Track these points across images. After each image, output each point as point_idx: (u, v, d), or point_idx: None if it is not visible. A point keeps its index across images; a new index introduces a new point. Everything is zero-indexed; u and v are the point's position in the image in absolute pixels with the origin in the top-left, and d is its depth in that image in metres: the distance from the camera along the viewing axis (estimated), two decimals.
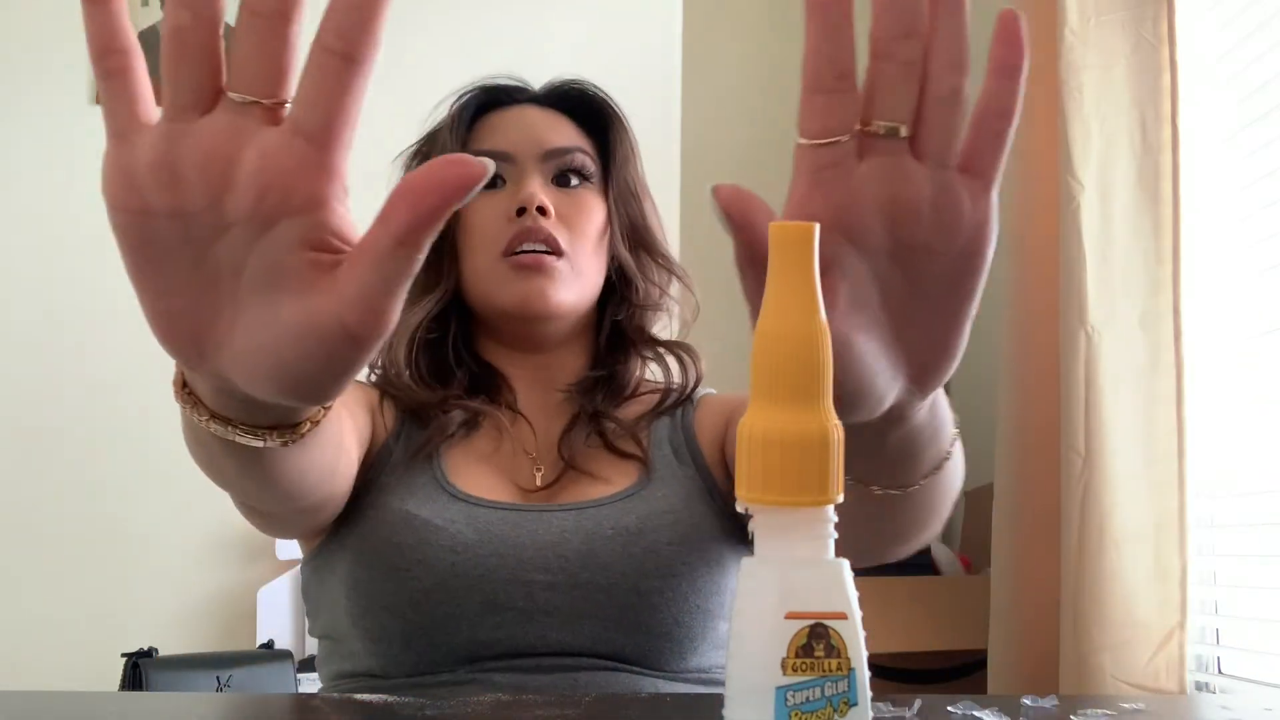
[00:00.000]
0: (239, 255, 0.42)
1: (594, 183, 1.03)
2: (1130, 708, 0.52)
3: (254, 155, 0.41)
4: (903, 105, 0.46)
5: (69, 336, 2.23)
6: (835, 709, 0.37)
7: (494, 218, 0.98)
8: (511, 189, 0.99)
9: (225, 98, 0.42)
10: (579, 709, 0.47)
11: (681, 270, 1.08)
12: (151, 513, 2.17)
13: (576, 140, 1.03)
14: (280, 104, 0.41)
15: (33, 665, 2.08)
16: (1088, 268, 1.52)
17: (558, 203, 0.99)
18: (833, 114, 0.46)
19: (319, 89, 0.41)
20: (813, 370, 0.39)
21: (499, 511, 0.92)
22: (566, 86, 1.06)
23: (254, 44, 0.42)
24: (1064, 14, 1.57)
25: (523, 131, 1.02)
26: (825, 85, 0.46)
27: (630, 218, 1.05)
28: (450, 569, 0.86)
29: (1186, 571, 1.45)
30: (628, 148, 1.06)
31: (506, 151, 1.00)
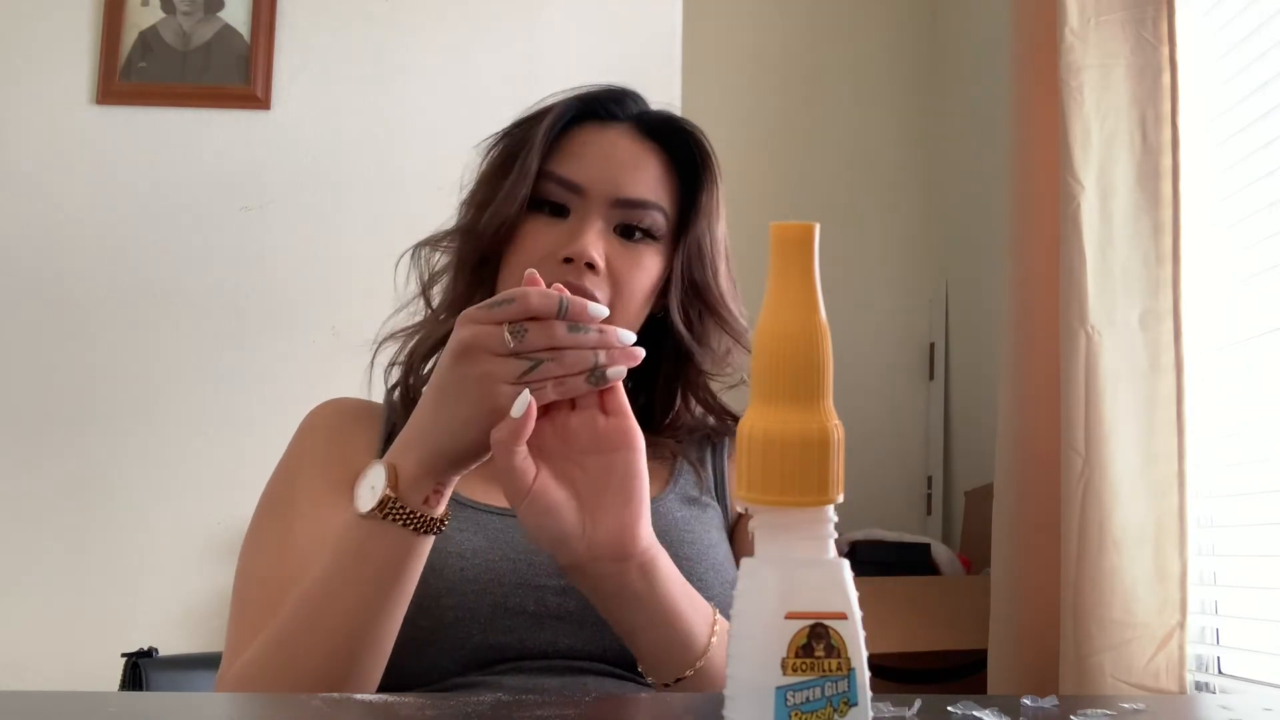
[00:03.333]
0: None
1: (660, 240, 0.99)
2: (1130, 708, 0.52)
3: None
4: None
5: (70, 337, 2.23)
6: (835, 709, 0.37)
7: (543, 250, 0.95)
8: (573, 224, 0.96)
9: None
10: (579, 709, 0.47)
11: (745, 334, 1.03)
12: (152, 513, 2.17)
13: (655, 192, 0.99)
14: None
15: (33, 665, 2.08)
16: (1088, 268, 1.52)
17: (613, 254, 0.96)
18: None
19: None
20: (813, 370, 0.39)
21: (508, 519, 0.92)
22: (673, 123, 1.03)
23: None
24: (1064, 14, 1.57)
25: (603, 167, 0.98)
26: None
27: (695, 279, 1.01)
28: (460, 574, 0.86)
29: (1186, 571, 1.45)
30: (713, 206, 1.02)
31: (579, 184, 0.97)
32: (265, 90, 2.30)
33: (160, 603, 2.10)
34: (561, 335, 0.71)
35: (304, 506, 0.95)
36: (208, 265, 2.25)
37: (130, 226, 2.26)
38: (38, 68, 2.30)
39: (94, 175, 2.27)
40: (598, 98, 1.01)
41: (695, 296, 1.02)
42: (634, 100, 1.03)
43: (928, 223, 2.94)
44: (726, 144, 2.79)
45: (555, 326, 0.71)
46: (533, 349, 0.71)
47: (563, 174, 0.97)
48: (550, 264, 0.94)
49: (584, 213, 0.96)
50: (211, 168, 2.28)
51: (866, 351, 2.84)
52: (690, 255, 1.00)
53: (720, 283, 1.02)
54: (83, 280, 2.25)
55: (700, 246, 1.01)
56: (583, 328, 0.71)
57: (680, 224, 1.01)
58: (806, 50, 2.99)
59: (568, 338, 0.71)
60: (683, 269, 1.00)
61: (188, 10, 2.32)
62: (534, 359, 0.71)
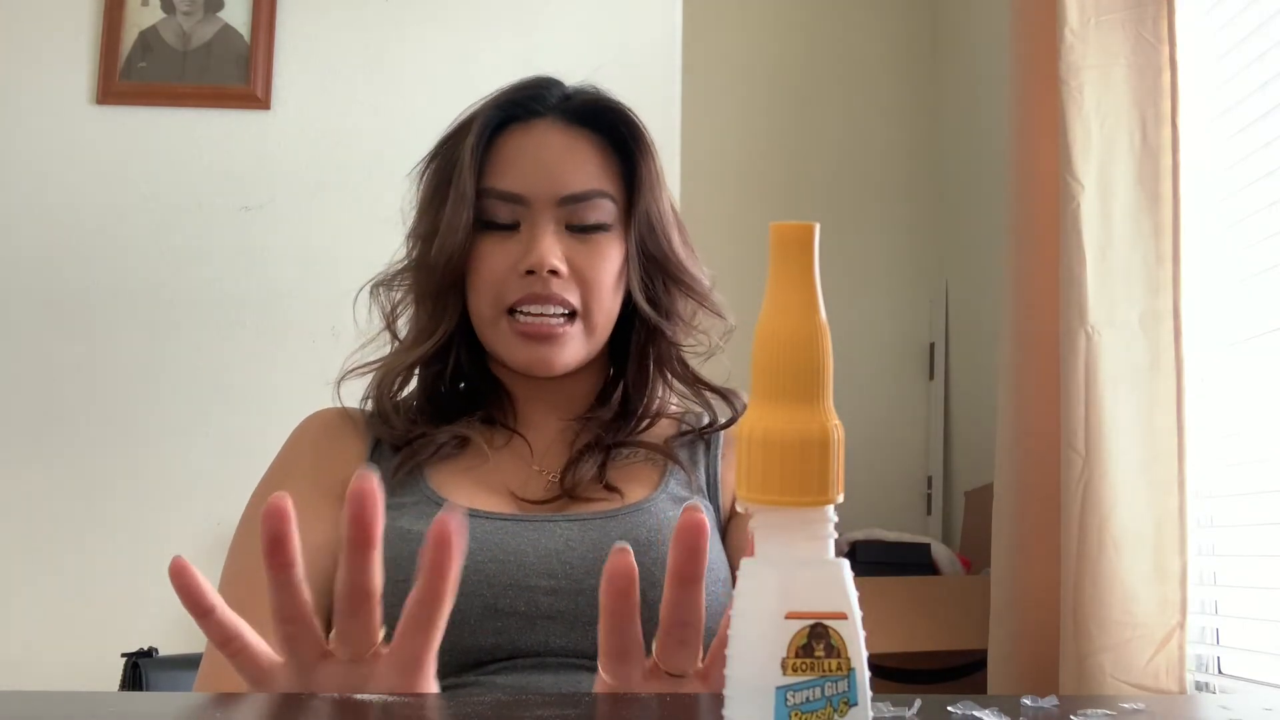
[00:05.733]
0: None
1: (613, 226, 0.98)
2: (1130, 708, 0.52)
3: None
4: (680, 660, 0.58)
5: (70, 336, 2.23)
6: (835, 709, 0.37)
7: (502, 268, 0.95)
8: (525, 236, 0.95)
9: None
10: (579, 709, 0.47)
11: (709, 294, 1.02)
12: (152, 513, 2.17)
13: (598, 179, 0.97)
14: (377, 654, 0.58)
15: (33, 665, 2.08)
16: (1088, 268, 1.52)
17: (573, 253, 0.95)
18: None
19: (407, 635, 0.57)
20: (813, 370, 0.38)
21: (496, 522, 0.91)
22: (593, 105, 1.00)
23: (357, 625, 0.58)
24: (1064, 14, 1.57)
25: (539, 170, 0.96)
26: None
27: (651, 253, 1.00)
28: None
29: (1186, 571, 1.45)
30: (654, 177, 1.00)
31: (520, 194, 0.96)
32: (265, 90, 2.30)
33: (160, 603, 2.09)
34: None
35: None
36: (208, 265, 2.25)
37: (130, 226, 2.26)
38: (38, 68, 2.30)
39: (94, 175, 2.27)
40: (516, 100, 1.00)
41: (655, 269, 1.00)
42: (552, 88, 1.01)
43: (928, 223, 2.94)
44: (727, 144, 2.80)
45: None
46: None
47: (502, 188, 0.96)
48: (512, 279, 0.94)
49: (533, 221, 0.95)
50: (211, 168, 2.28)
51: (866, 351, 2.84)
52: (642, 231, 0.99)
53: (676, 250, 1.01)
54: (83, 280, 2.25)
55: (650, 219, 0.99)
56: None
57: (628, 202, 1.00)
58: (806, 50, 2.99)
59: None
60: (638, 245, 0.99)
61: (188, 10, 2.32)
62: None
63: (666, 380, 1.04)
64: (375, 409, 1.01)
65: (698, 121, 2.50)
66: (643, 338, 1.03)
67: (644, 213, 0.99)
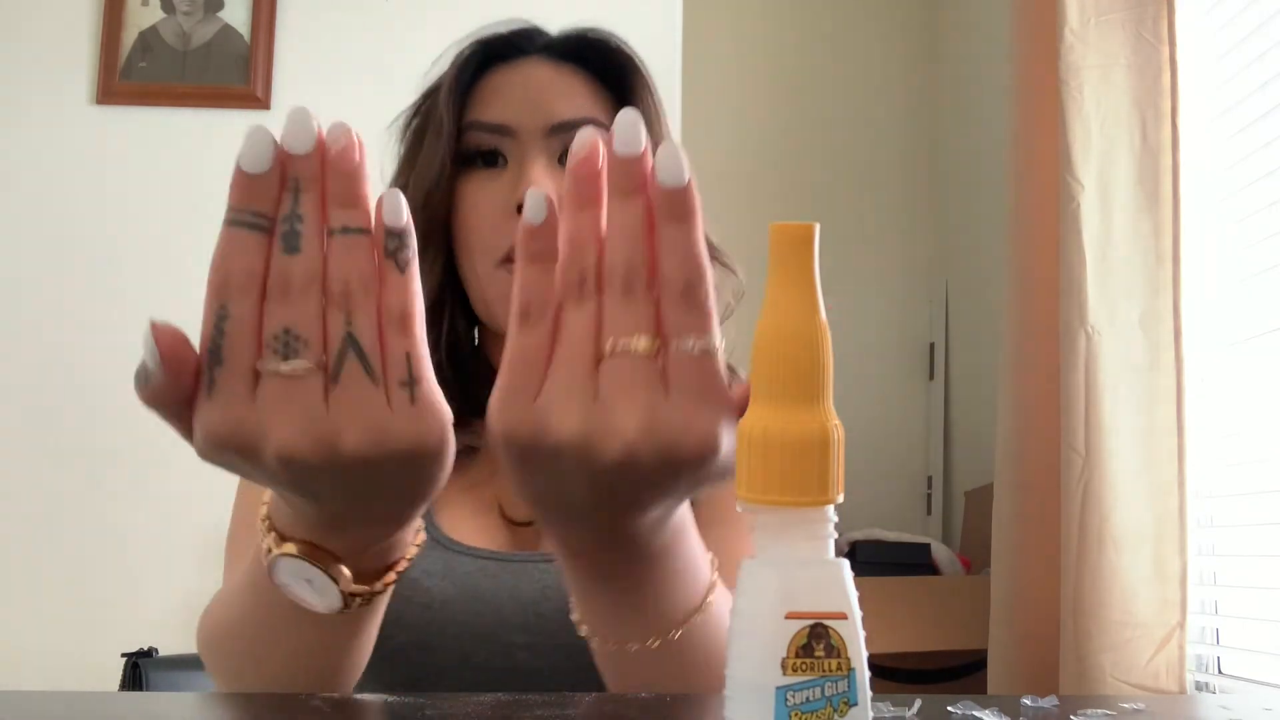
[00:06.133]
0: None
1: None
2: (1130, 708, 0.52)
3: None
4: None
5: (70, 337, 2.23)
6: (835, 709, 0.37)
7: (491, 212, 0.85)
8: (513, 172, 0.86)
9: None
10: (579, 709, 0.47)
11: (719, 246, 0.92)
12: (151, 512, 2.17)
13: (589, 108, 0.88)
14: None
15: (33, 665, 2.08)
16: (1088, 268, 1.52)
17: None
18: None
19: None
20: (813, 370, 0.39)
21: (479, 560, 0.82)
22: (582, 36, 0.92)
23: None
24: (1064, 14, 1.57)
25: (527, 100, 0.87)
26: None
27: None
28: (426, 626, 0.79)
29: (1186, 571, 1.45)
30: (652, 109, 0.91)
31: (507, 125, 0.86)
32: (265, 90, 2.30)
33: (160, 603, 2.10)
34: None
35: None
36: (208, 265, 2.25)
37: (130, 226, 2.26)
38: (38, 68, 2.30)
39: (94, 175, 2.27)
40: (500, 38, 0.92)
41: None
42: (538, 33, 0.93)
43: (928, 223, 2.94)
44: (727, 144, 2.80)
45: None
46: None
47: (485, 119, 0.87)
48: (502, 221, 0.84)
49: (521, 154, 0.86)
50: (211, 168, 2.28)
51: (866, 351, 2.84)
52: None
53: None
54: (82, 280, 2.25)
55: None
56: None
57: None
58: (807, 50, 2.99)
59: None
60: None
61: (188, 10, 2.32)
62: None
63: None
64: None
65: (698, 121, 2.50)
66: None
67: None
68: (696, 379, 0.43)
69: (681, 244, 0.43)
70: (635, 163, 0.43)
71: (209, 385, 0.42)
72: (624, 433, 0.42)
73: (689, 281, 0.43)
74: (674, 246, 0.43)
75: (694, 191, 0.43)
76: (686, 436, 0.42)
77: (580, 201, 0.43)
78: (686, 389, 0.43)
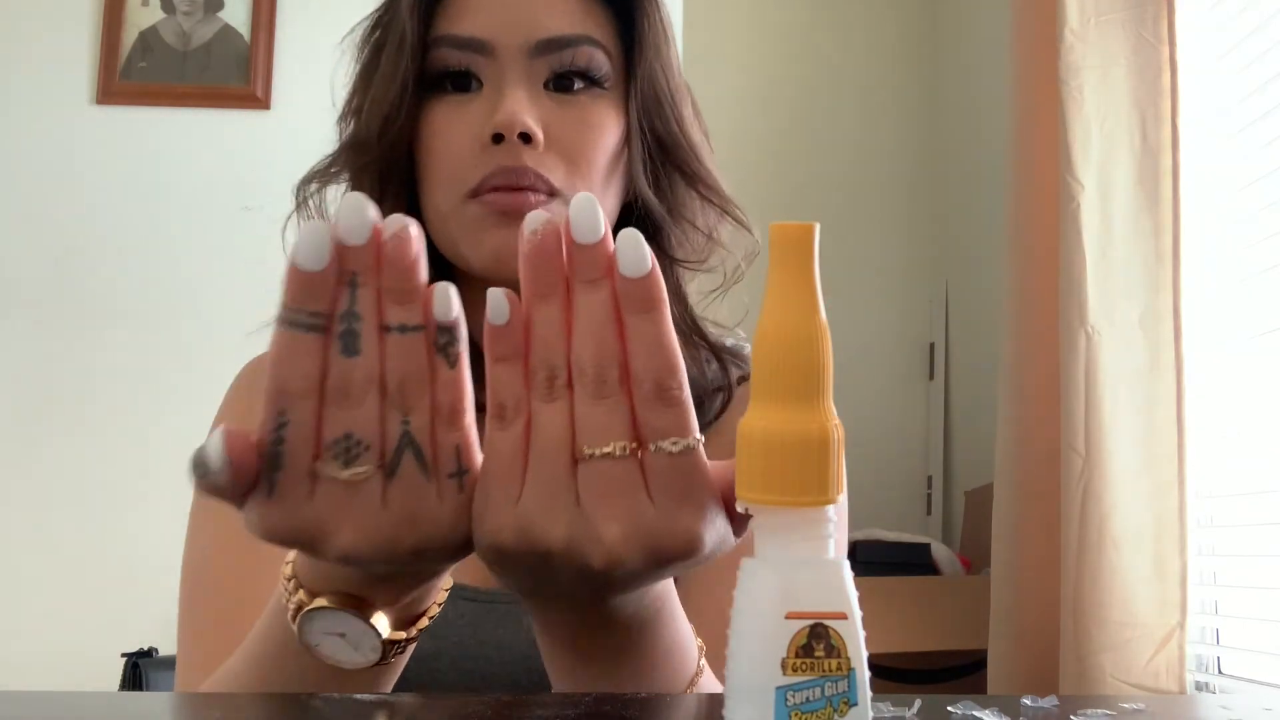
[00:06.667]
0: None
1: (609, 86, 0.75)
2: (1130, 708, 0.52)
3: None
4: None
5: (70, 336, 2.23)
6: (835, 709, 0.37)
7: (462, 141, 0.72)
8: (488, 97, 0.72)
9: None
10: (579, 709, 0.47)
11: (732, 202, 0.80)
12: (152, 512, 2.17)
13: (583, 24, 0.74)
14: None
15: (33, 665, 2.08)
16: (1088, 268, 1.52)
17: (552, 120, 0.72)
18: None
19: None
20: (813, 370, 0.39)
21: (462, 603, 0.72)
22: None
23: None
24: (1064, 14, 1.57)
25: (507, 10, 0.73)
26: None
27: (659, 134, 0.77)
28: (403, 684, 0.70)
29: (1186, 571, 1.45)
30: (659, 35, 0.77)
31: (482, 40, 0.73)
32: (265, 90, 2.30)
33: (160, 603, 2.10)
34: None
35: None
36: (208, 265, 2.25)
37: (130, 226, 2.26)
38: (38, 68, 2.30)
39: (94, 175, 2.27)
40: None
41: (663, 157, 0.77)
42: None
43: (928, 223, 2.94)
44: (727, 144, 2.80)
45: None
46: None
47: (456, 32, 0.73)
48: (474, 152, 0.71)
49: (499, 75, 0.72)
50: (211, 168, 2.28)
51: (866, 351, 2.84)
52: (646, 102, 0.76)
53: (689, 133, 0.78)
54: (83, 280, 2.25)
55: (655, 89, 0.76)
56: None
57: (627, 64, 0.76)
58: (807, 50, 2.99)
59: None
60: (639, 121, 0.75)
61: (188, 10, 2.32)
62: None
63: None
64: None
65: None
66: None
67: (648, 79, 0.76)
68: (677, 479, 0.42)
69: (650, 337, 0.41)
70: (594, 249, 0.41)
71: (269, 488, 0.42)
72: (608, 541, 0.41)
73: (660, 378, 0.41)
74: (642, 341, 0.41)
75: (658, 279, 0.41)
76: (670, 539, 0.42)
77: (540, 292, 0.41)
78: (667, 490, 0.42)
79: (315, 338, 0.41)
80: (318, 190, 0.81)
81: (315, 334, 0.41)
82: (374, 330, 0.41)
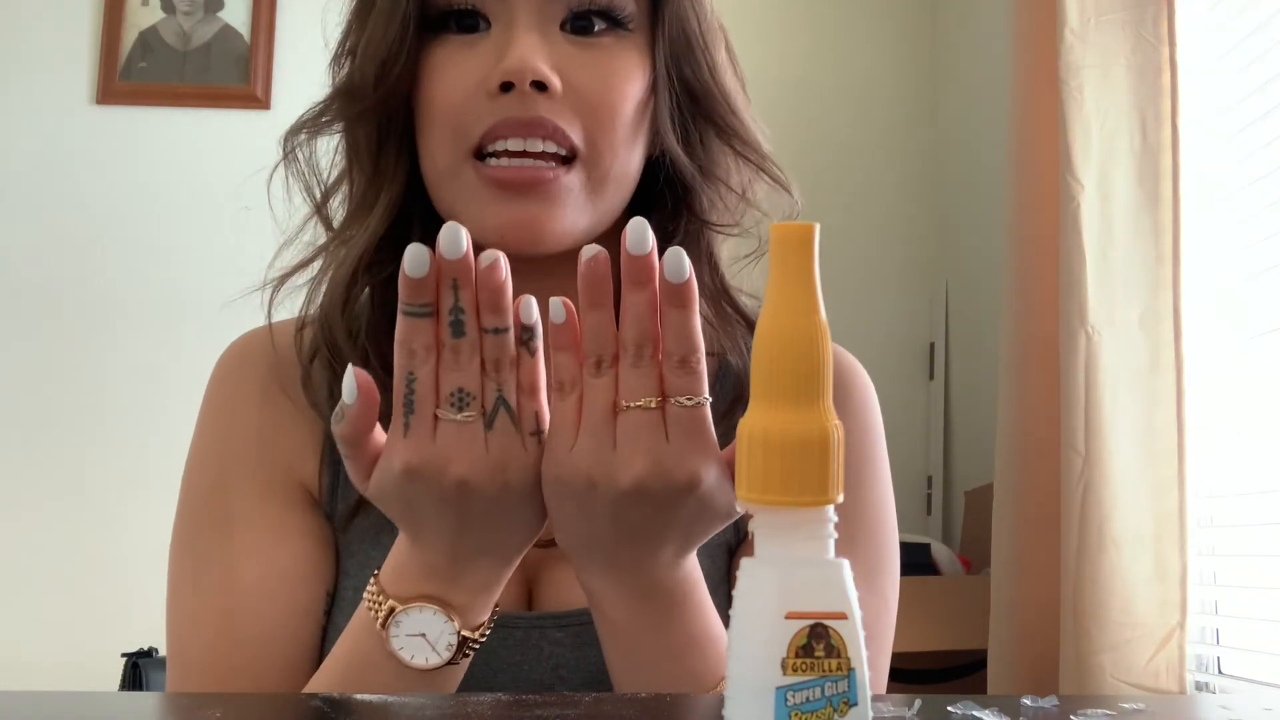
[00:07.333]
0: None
1: (633, 28, 0.68)
2: (1130, 708, 0.52)
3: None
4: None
5: (70, 336, 2.23)
6: (835, 709, 0.37)
7: (464, 85, 0.65)
8: (496, 39, 0.66)
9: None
10: (579, 709, 0.47)
11: (771, 160, 0.74)
12: (152, 513, 2.17)
13: None
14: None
15: (33, 665, 2.08)
16: (1088, 268, 1.52)
17: (569, 66, 0.65)
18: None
19: None
20: (813, 370, 0.39)
21: (502, 630, 0.67)
22: None
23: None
24: (1064, 14, 1.57)
25: None
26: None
27: (689, 83, 0.69)
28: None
29: (1186, 571, 1.45)
30: None
31: None
32: (265, 90, 2.30)
33: (160, 603, 2.10)
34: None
35: (241, 530, 0.74)
36: (207, 265, 2.25)
37: (130, 226, 2.26)
38: (38, 68, 2.30)
39: (94, 175, 2.27)
40: None
41: (693, 108, 0.70)
42: None
43: (928, 223, 2.94)
44: None
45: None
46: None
47: None
48: (479, 100, 0.65)
49: (509, 15, 0.65)
50: (211, 168, 2.28)
51: (866, 351, 2.82)
52: (675, 46, 0.68)
53: (723, 81, 0.71)
54: (82, 279, 2.25)
55: (685, 31, 0.69)
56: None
57: (653, 7, 0.69)
58: (806, 49, 2.99)
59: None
60: (667, 67, 0.68)
61: (188, 10, 2.32)
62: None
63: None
64: (320, 356, 0.72)
65: None
66: (667, 211, 0.71)
67: (677, 19, 0.68)
68: (689, 426, 0.53)
69: (681, 325, 0.52)
70: (644, 259, 0.52)
71: (405, 427, 0.54)
72: (635, 469, 0.53)
73: (685, 354, 0.53)
74: (675, 327, 0.52)
75: (693, 285, 0.52)
76: (679, 470, 0.53)
77: (593, 302, 0.52)
78: (681, 433, 0.53)
79: (428, 321, 0.53)
80: (307, 141, 0.76)
81: (428, 318, 0.53)
82: (473, 318, 0.53)
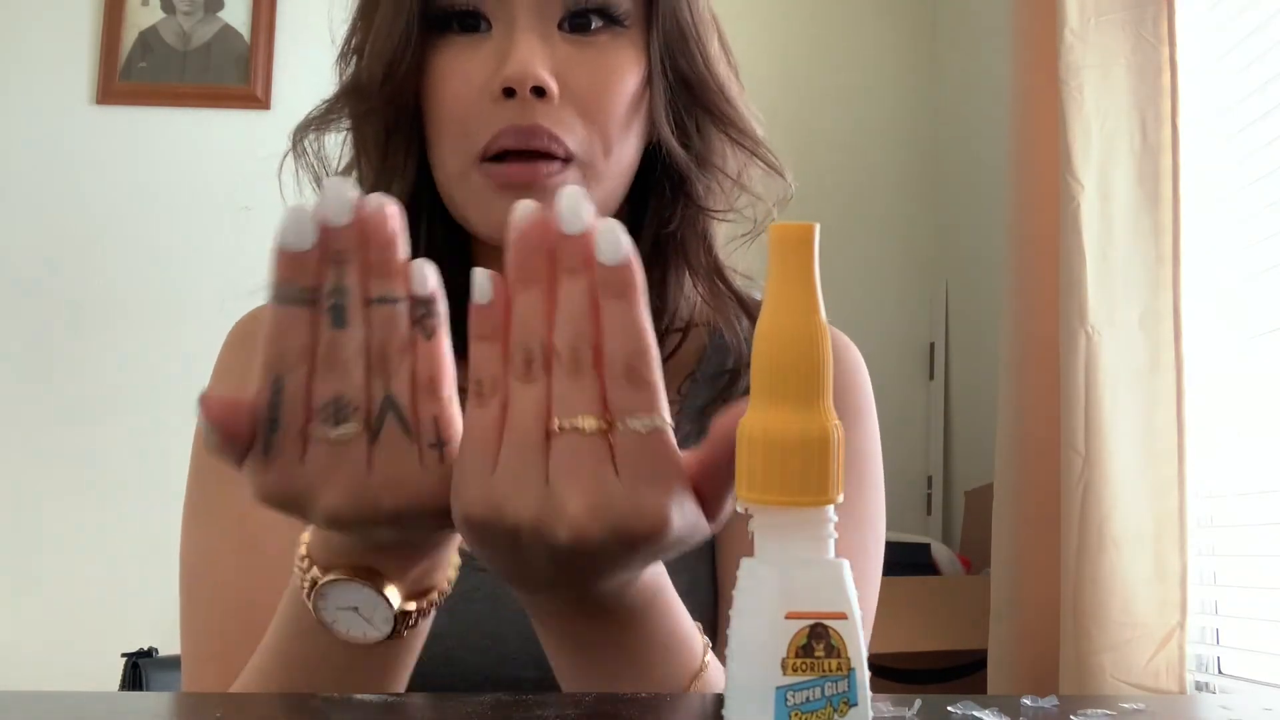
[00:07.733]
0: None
1: (629, 24, 0.70)
2: (1130, 708, 0.52)
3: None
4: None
5: (69, 336, 2.23)
6: (835, 709, 0.37)
7: (468, 87, 0.68)
8: (498, 41, 0.68)
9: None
10: (579, 709, 0.47)
11: (764, 146, 0.76)
12: (153, 512, 2.17)
13: None
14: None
15: (33, 665, 2.08)
16: (1088, 268, 1.52)
17: (568, 67, 0.68)
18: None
19: None
20: (813, 370, 0.39)
21: (479, 574, 0.63)
22: None
23: None
24: (1064, 14, 1.57)
25: None
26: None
27: (683, 74, 0.72)
28: (426, 661, 0.64)
29: (1186, 571, 1.45)
30: None
31: None
32: (265, 90, 2.30)
33: (160, 603, 2.10)
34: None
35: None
36: (207, 265, 2.25)
37: (130, 226, 2.26)
38: (38, 68, 2.30)
39: (94, 175, 2.27)
40: None
41: (687, 98, 0.72)
42: None
43: (928, 223, 2.94)
44: None
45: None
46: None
47: None
48: (483, 105, 0.67)
49: (509, 15, 0.68)
50: (211, 168, 2.29)
51: (866, 351, 2.83)
52: (669, 39, 0.71)
53: (716, 70, 0.74)
54: (82, 279, 2.25)
55: (679, 23, 0.71)
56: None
57: (647, 2, 0.71)
58: (806, 49, 2.99)
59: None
60: (662, 60, 0.71)
61: (188, 10, 2.32)
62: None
63: (682, 273, 0.75)
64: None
65: None
66: (663, 201, 0.73)
67: (671, 12, 0.71)
68: (645, 457, 0.42)
69: (623, 320, 0.42)
70: (576, 241, 0.42)
71: (265, 447, 0.44)
72: (573, 515, 0.42)
73: (631, 359, 0.42)
74: (616, 323, 0.42)
75: (634, 268, 0.42)
76: (636, 518, 0.42)
77: (523, 278, 0.43)
78: (635, 468, 0.42)
79: (306, 311, 0.43)
80: (315, 138, 0.78)
81: (306, 308, 0.43)
82: (359, 302, 0.43)
